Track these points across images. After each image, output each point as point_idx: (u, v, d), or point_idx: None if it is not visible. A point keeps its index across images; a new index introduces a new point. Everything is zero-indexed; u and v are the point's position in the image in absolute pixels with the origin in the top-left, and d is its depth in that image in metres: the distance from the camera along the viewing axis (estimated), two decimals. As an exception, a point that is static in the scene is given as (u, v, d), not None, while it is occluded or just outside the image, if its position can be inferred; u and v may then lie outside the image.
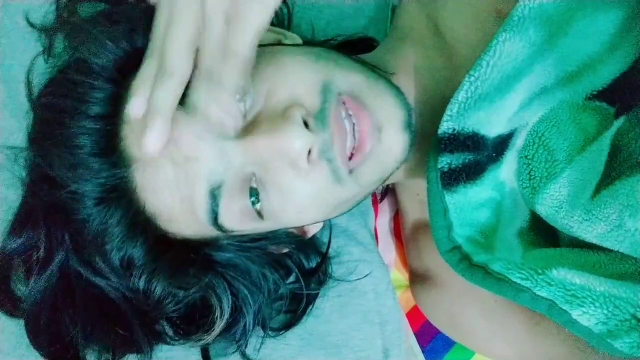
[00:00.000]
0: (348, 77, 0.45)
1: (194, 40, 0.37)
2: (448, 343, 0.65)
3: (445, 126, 0.47)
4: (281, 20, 0.62)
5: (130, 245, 0.45)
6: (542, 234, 0.51)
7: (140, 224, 0.45)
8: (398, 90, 0.47)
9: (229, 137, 0.42)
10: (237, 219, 0.45)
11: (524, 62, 0.46)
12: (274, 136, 0.41)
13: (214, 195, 0.43)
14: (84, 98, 0.43)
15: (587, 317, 0.43)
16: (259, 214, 0.45)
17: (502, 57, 0.45)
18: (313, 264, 0.58)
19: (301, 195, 0.44)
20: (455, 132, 0.47)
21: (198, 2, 0.36)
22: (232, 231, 0.46)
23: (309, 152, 0.42)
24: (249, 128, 0.43)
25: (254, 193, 0.44)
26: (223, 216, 0.44)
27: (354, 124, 0.44)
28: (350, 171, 0.44)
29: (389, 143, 0.45)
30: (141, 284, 0.47)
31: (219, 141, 0.42)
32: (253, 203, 0.44)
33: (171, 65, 0.37)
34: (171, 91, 0.37)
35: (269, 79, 0.44)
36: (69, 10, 0.53)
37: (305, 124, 0.42)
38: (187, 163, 0.42)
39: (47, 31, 0.54)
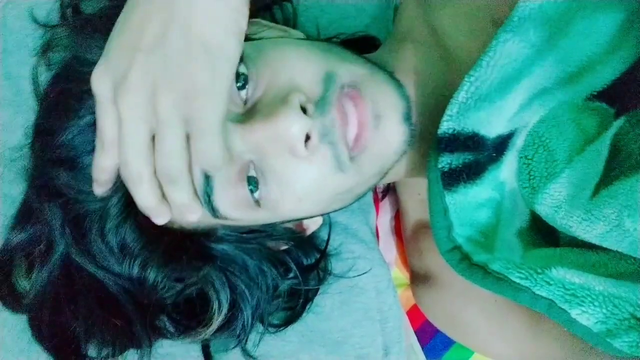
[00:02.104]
0: (350, 69, 0.45)
1: (149, 144, 0.39)
2: (447, 342, 0.65)
3: (445, 126, 0.47)
4: (286, 17, 0.63)
5: (125, 228, 0.46)
6: (542, 234, 0.51)
7: (134, 206, 0.45)
8: (399, 83, 0.47)
9: (229, 119, 0.42)
10: (233, 205, 0.45)
11: (524, 63, 0.46)
12: (270, 121, 0.41)
13: (207, 177, 0.43)
14: (81, 97, 0.44)
15: (586, 316, 0.43)
16: (257, 203, 0.45)
17: (502, 57, 0.45)
18: (312, 261, 0.58)
19: (301, 183, 0.44)
20: (455, 132, 0.47)
21: (148, 106, 0.37)
22: (227, 218, 0.46)
23: (309, 138, 0.42)
24: (248, 115, 0.43)
25: (252, 181, 0.44)
26: (218, 200, 0.44)
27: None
28: (352, 158, 0.44)
29: (387, 132, 0.45)
30: (135, 269, 0.47)
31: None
32: (251, 191, 0.44)
33: (138, 172, 0.39)
34: (147, 193, 0.40)
35: (271, 67, 0.44)
36: (73, 7, 0.54)
37: (305, 111, 0.42)
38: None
39: (50, 28, 0.55)
